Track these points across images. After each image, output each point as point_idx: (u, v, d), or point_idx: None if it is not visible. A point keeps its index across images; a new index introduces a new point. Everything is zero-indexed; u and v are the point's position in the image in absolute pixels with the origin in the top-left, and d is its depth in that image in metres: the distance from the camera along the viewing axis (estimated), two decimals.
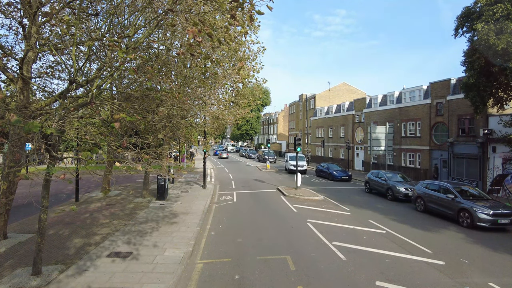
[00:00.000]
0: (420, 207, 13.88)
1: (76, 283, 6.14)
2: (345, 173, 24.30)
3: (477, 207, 11.13)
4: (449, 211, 12.17)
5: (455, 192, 12.24)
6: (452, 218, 12.01)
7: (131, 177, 23.21)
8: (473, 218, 11.03)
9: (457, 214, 11.75)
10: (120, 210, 12.60)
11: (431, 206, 13.26)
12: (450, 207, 12.16)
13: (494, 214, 10.78)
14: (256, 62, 13.40)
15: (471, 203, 11.41)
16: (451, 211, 12.06)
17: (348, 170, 26.49)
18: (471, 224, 11.08)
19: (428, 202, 13.40)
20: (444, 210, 12.51)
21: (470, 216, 11.15)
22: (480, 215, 10.88)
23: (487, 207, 11.05)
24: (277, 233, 10.07)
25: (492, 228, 10.78)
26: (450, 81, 20.93)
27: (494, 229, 10.84)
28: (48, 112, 5.57)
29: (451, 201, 12.13)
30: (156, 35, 9.75)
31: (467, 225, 11.22)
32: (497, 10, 11.56)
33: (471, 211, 11.15)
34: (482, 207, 11.09)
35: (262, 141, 73.38)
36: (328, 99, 44.74)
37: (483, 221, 10.79)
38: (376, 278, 6.80)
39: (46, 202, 6.31)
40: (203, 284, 6.43)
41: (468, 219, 11.24)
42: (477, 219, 10.91)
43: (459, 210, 11.66)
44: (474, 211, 11.07)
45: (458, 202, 11.81)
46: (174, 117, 11.40)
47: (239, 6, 4.75)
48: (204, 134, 18.20)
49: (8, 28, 8.94)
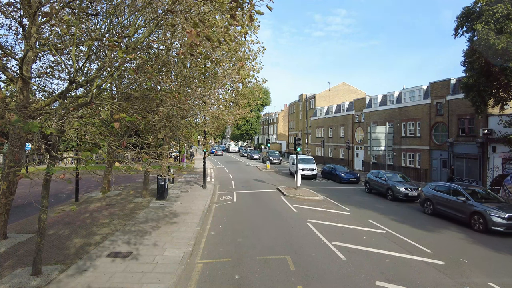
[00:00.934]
0: (428, 209, 13.29)
1: (76, 283, 6.14)
2: (353, 175, 23.14)
3: (491, 210, 10.45)
4: (461, 214, 11.51)
5: (466, 194, 11.57)
6: (464, 221, 11.38)
7: (131, 177, 23.21)
8: (486, 222, 10.36)
9: (469, 218, 11.09)
10: (120, 210, 12.60)
11: (440, 209, 12.66)
12: (461, 210, 11.50)
13: (510, 217, 10.08)
14: (256, 62, 13.43)
15: (484, 206, 10.74)
16: (463, 214, 11.39)
17: (356, 172, 25.43)
18: (484, 228, 10.42)
19: (437, 205, 12.81)
20: (454, 213, 11.86)
21: (484, 220, 10.46)
22: (495, 218, 10.22)
23: (501, 210, 10.36)
24: (277, 233, 10.07)
25: (507, 232, 10.10)
26: (450, 81, 20.94)
27: (509, 233, 10.14)
28: (48, 112, 5.56)
29: (462, 203, 11.46)
30: (156, 35, 9.75)
31: (480, 229, 10.57)
32: (497, 10, 11.56)
33: (485, 214, 10.46)
34: (496, 210, 10.42)
35: (262, 141, 73.38)
36: (328, 99, 44.75)
37: (498, 225, 10.14)
38: (376, 278, 6.80)
39: (46, 202, 6.30)
40: (203, 284, 6.43)
41: (481, 223, 10.58)
42: (491, 223, 10.26)
43: (472, 213, 11.00)
44: (487, 215, 10.39)
45: (470, 205, 11.15)
46: (174, 117, 11.41)
47: (239, 6, 4.75)
48: (204, 134, 18.20)
49: (8, 28, 8.93)
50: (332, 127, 38.24)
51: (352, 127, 33.57)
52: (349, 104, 35.25)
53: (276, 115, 67.90)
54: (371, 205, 15.03)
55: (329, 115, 39.07)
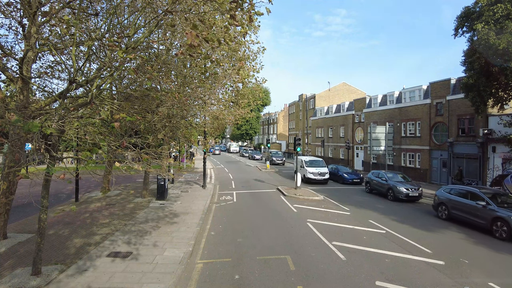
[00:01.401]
0: (443, 214, 12.46)
1: (76, 283, 6.14)
2: (356, 175, 22.94)
3: None
4: (481, 221, 10.63)
5: (486, 199, 10.73)
6: (484, 228, 10.58)
7: (131, 177, 23.21)
8: (511, 228, 9.66)
9: (490, 224, 10.29)
10: (120, 210, 12.60)
11: (456, 214, 11.80)
12: (481, 215, 10.63)
13: None
14: (256, 62, 13.44)
15: (507, 212, 9.93)
16: (483, 220, 10.53)
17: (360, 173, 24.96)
18: (508, 235, 9.69)
19: (453, 209, 11.94)
20: (473, 219, 10.98)
21: (508, 227, 9.72)
22: None
23: None
24: (277, 233, 10.07)
25: None
26: (450, 81, 20.94)
27: None
28: (48, 112, 5.56)
29: (482, 209, 10.60)
30: (156, 35, 9.75)
31: (502, 236, 9.85)
32: (497, 10, 11.56)
33: (509, 220, 9.69)
34: None
35: (262, 141, 73.35)
36: (328, 99, 44.77)
37: None
38: (376, 278, 6.80)
39: (46, 202, 6.31)
40: (203, 284, 6.43)
41: (504, 230, 9.83)
42: None
43: (493, 219, 10.21)
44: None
45: (492, 210, 10.32)
46: (174, 117, 11.40)
47: (239, 6, 4.75)
48: (204, 134, 18.20)
49: (8, 28, 8.94)
50: (332, 127, 38.25)
51: (352, 127, 33.57)
52: (349, 104, 35.26)
53: (276, 115, 67.92)
54: (371, 205, 15.03)
55: (329, 115, 39.08)
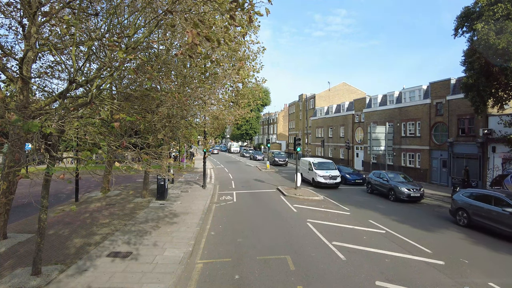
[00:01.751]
0: (462, 220, 11.50)
1: (76, 283, 6.14)
2: (358, 176, 22.36)
3: None
4: (507, 229, 9.74)
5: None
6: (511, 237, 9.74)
7: (131, 177, 23.21)
8: None
9: None
10: (120, 210, 12.60)
11: (478, 221, 10.86)
12: (508, 223, 9.74)
13: None
14: (256, 62, 13.43)
15: None
16: (511, 228, 9.68)
17: (362, 173, 24.61)
18: None
19: (474, 216, 10.99)
20: (499, 226, 10.05)
21: None
22: None
23: None
24: (277, 233, 10.07)
25: None
26: (450, 81, 20.94)
27: None
28: (47, 112, 5.56)
29: (510, 216, 9.68)
30: (156, 35, 9.74)
31: None
32: (497, 10, 11.56)
33: None
34: None
35: (262, 141, 73.31)
36: (328, 99, 44.75)
37: None
38: (376, 278, 6.80)
39: (46, 202, 6.31)
40: (203, 284, 6.43)
41: None
42: None
43: None
44: None
45: None
46: (174, 117, 11.39)
47: (239, 6, 4.75)
48: (204, 134, 18.20)
49: (8, 28, 8.94)
50: (332, 127, 38.24)
51: (352, 127, 33.56)
52: (349, 104, 35.25)
53: (276, 115, 67.89)
54: (372, 205, 15.02)
55: (329, 115, 39.07)
